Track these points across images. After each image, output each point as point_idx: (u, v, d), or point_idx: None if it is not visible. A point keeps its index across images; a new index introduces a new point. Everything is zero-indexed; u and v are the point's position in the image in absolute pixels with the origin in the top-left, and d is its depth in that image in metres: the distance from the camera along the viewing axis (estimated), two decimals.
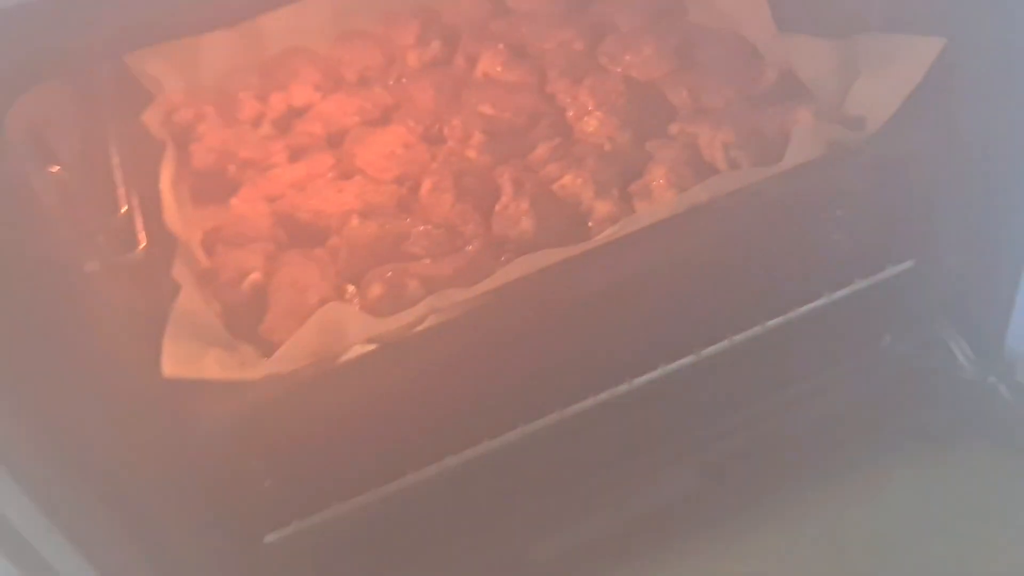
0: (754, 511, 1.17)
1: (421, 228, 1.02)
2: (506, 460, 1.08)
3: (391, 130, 1.22)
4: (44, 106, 0.88)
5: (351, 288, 1.02)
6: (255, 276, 1.01)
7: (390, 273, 0.95)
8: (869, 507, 1.17)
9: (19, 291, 0.69)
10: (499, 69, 1.27)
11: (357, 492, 1.02)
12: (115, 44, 0.67)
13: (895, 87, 1.02)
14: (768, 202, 1.01)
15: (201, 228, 1.08)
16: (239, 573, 0.99)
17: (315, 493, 1.02)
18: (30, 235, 0.70)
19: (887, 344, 1.26)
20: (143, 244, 0.91)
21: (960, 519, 1.15)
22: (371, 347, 0.90)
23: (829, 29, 1.12)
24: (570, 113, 1.18)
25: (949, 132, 1.03)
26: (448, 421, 1.03)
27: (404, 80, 1.33)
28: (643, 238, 0.98)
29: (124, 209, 0.90)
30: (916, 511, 1.16)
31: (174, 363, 0.87)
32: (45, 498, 0.78)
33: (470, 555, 1.13)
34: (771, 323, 1.12)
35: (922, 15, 1.01)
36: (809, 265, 1.14)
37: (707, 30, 1.28)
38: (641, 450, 1.16)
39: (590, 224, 1.05)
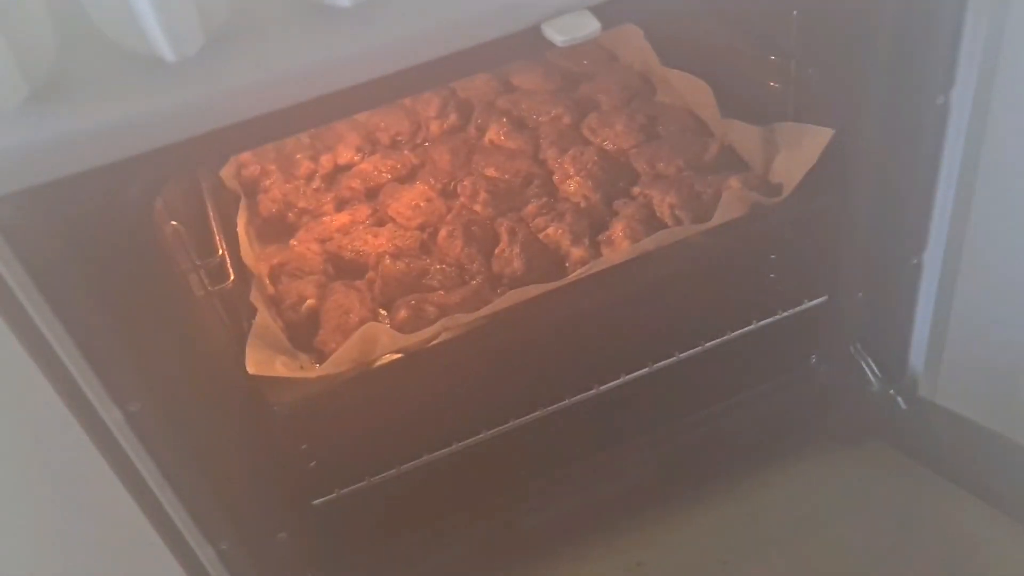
0: (695, 493, 1.45)
1: (438, 267, 1.33)
2: (499, 447, 1.38)
3: (416, 187, 1.53)
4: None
5: (383, 312, 1.33)
6: (311, 302, 1.32)
7: (413, 301, 1.26)
8: (789, 493, 1.45)
9: (155, 309, 1.01)
10: (502, 138, 1.59)
11: (385, 468, 1.32)
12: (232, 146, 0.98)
13: (801, 162, 1.31)
14: (703, 250, 1.30)
15: (268, 263, 1.40)
16: (292, 527, 1.29)
17: (351, 468, 1.33)
18: (165, 270, 1.02)
19: (813, 363, 1.55)
20: (231, 278, 1.22)
21: (862, 505, 1.43)
22: (398, 356, 1.21)
23: (757, 116, 1.42)
24: (556, 176, 1.48)
25: (844, 195, 1.31)
26: (454, 414, 1.34)
27: (427, 144, 1.65)
28: (606, 277, 1.27)
29: (220, 252, 1.22)
30: (827, 497, 1.44)
31: (254, 364, 1.18)
32: (162, 459, 1.09)
33: (469, 523, 1.42)
34: (710, 344, 1.41)
35: (821, 111, 1.31)
36: (740, 298, 1.44)
37: (669, 108, 1.58)
38: (607, 443, 1.45)
39: (567, 265, 1.35)
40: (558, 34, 0.84)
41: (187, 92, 0.76)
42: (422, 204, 1.48)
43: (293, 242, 1.46)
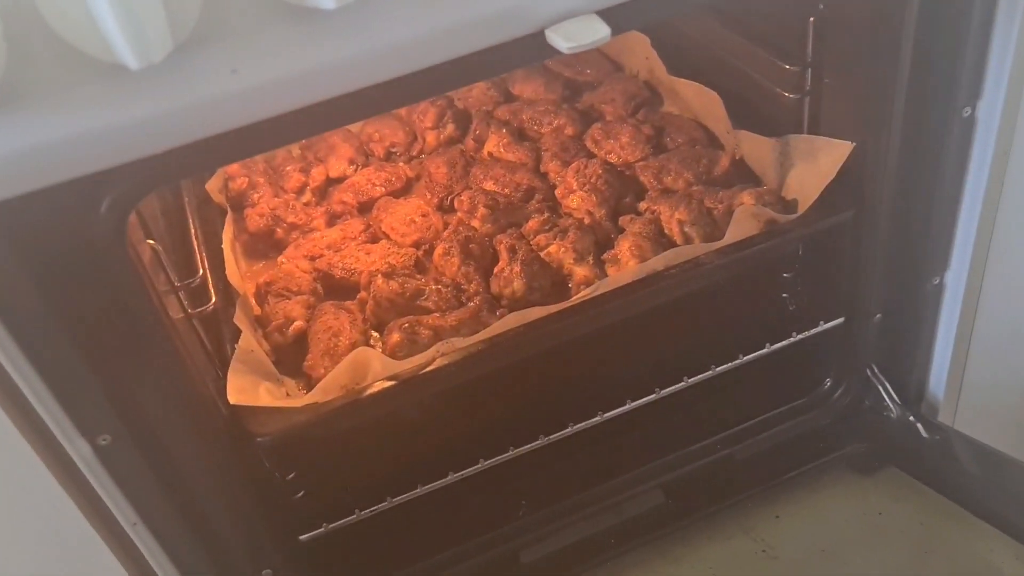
0: (706, 524, 1.38)
1: (433, 287, 1.26)
2: (499, 477, 1.31)
3: (411, 201, 1.46)
4: None
5: (375, 334, 1.25)
6: (298, 323, 1.24)
7: (406, 324, 1.18)
8: (803, 525, 1.37)
9: (126, 335, 0.93)
10: (502, 150, 1.52)
11: (376, 501, 1.24)
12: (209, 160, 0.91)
13: (818, 176, 1.24)
14: (714, 270, 1.23)
15: (254, 282, 1.32)
16: (277, 565, 1.21)
17: (340, 500, 1.25)
18: (138, 293, 0.95)
19: (827, 387, 1.48)
20: (213, 300, 1.15)
21: (879, 536, 1.36)
22: (391, 383, 1.13)
23: (770, 128, 1.35)
24: (558, 190, 1.41)
25: (863, 212, 1.24)
26: (450, 443, 1.26)
27: (423, 156, 1.58)
28: (611, 298, 1.19)
29: (201, 272, 1.14)
30: (843, 529, 1.37)
31: (236, 392, 1.10)
32: (135, 496, 1.02)
33: (468, 556, 1.35)
34: (720, 368, 1.34)
35: (839, 123, 1.24)
36: (752, 320, 1.37)
37: (677, 119, 1.51)
38: (611, 472, 1.37)
39: (570, 285, 1.28)
40: (564, 40, 0.77)
41: (153, 102, 0.69)
42: (417, 219, 1.41)
43: (281, 259, 1.40)
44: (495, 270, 1.29)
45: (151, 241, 1.05)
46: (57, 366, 0.89)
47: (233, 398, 1.09)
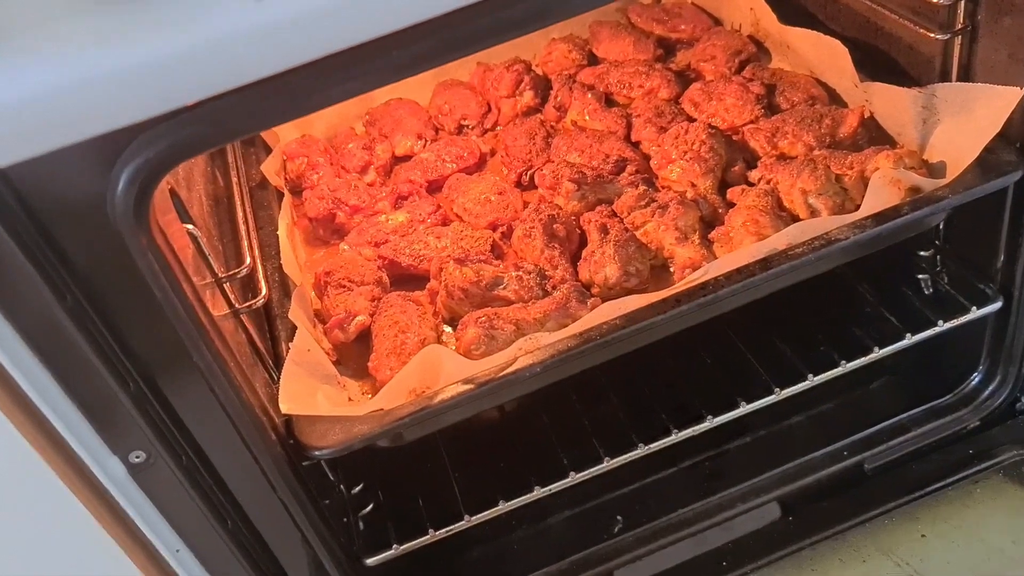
0: (837, 545, 1.18)
1: (513, 274, 1.09)
2: (592, 491, 1.14)
3: (486, 178, 1.30)
4: (180, 169, 1.00)
5: (447, 330, 1.10)
6: (361, 318, 1.09)
7: (483, 317, 1.02)
8: (953, 544, 1.16)
9: (162, 331, 0.80)
10: (587, 118, 1.34)
11: (452, 519, 1.09)
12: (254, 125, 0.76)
13: (976, 134, 1.03)
14: (846, 248, 1.02)
15: (312, 272, 1.18)
16: None
17: (411, 519, 1.10)
18: (171, 287, 0.81)
19: (976, 384, 1.26)
20: (264, 293, 1.01)
21: None
22: (467, 387, 0.97)
23: (908, 79, 1.14)
24: (654, 160, 1.23)
25: None
26: (535, 452, 1.10)
27: (498, 128, 1.42)
28: (724, 284, 1.00)
29: (248, 262, 1.00)
30: (1001, 546, 1.15)
31: (290, 398, 0.96)
32: (176, 519, 0.89)
33: None
34: (851, 364, 1.14)
35: (1000, 67, 1.02)
36: (890, 306, 1.16)
37: (790, 75, 1.31)
38: (720, 485, 1.19)
39: (671, 269, 1.10)
40: None
41: (162, 37, 0.54)
42: (493, 198, 1.25)
43: (342, 245, 1.25)
44: (584, 253, 1.12)
45: (189, 226, 0.91)
46: (79, 375, 0.76)
47: (286, 407, 0.95)
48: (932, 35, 1.08)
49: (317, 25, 0.57)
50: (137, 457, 0.83)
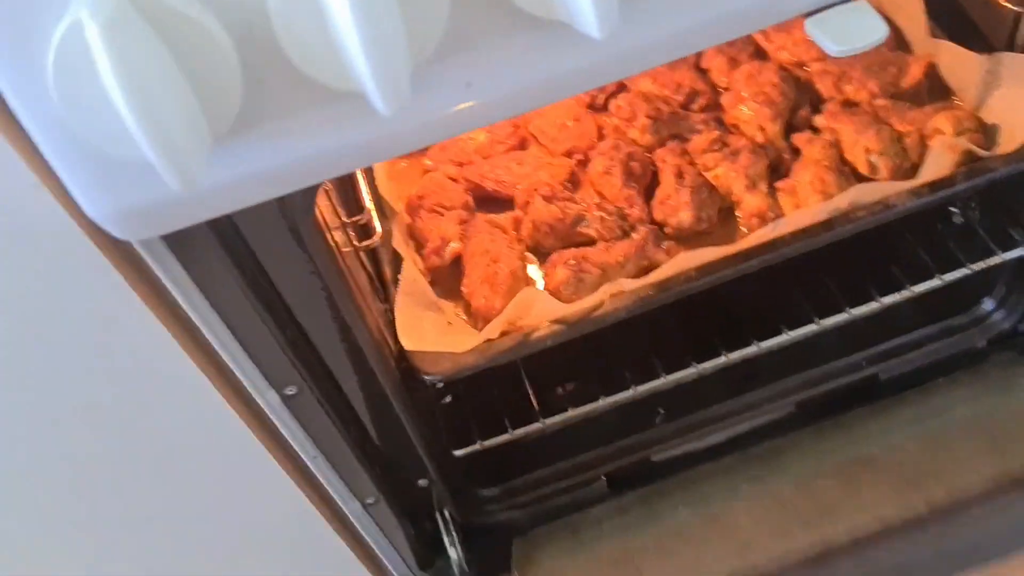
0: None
1: (596, 213, 1.19)
2: (644, 400, 1.31)
3: (561, 102, 1.36)
4: None
5: (531, 256, 1.21)
6: (455, 245, 1.20)
7: (572, 260, 1.14)
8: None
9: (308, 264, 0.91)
10: None
11: (529, 421, 1.26)
12: None
13: None
14: (902, 211, 1.14)
15: (405, 197, 1.26)
16: (432, 475, 1.25)
17: (496, 423, 1.27)
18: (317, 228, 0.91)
19: (988, 308, 1.40)
20: (378, 234, 1.11)
21: None
22: (557, 326, 1.11)
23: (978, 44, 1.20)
24: (725, 98, 1.29)
25: None
26: (602, 371, 1.25)
27: None
28: (791, 240, 1.13)
29: (366, 208, 1.10)
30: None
31: (405, 332, 1.09)
32: (316, 436, 1.05)
33: (606, 459, 1.38)
34: (886, 300, 1.28)
35: None
36: (929, 252, 1.28)
37: None
38: (751, 386, 1.37)
39: (737, 214, 1.20)
40: (832, 43, 0.66)
41: (387, 124, 0.62)
42: (569, 123, 1.31)
43: (426, 161, 1.33)
44: (659, 195, 1.21)
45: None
46: (249, 328, 0.89)
47: (403, 338, 1.09)
48: (1006, 4, 1.14)
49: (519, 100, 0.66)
50: (290, 391, 0.97)
